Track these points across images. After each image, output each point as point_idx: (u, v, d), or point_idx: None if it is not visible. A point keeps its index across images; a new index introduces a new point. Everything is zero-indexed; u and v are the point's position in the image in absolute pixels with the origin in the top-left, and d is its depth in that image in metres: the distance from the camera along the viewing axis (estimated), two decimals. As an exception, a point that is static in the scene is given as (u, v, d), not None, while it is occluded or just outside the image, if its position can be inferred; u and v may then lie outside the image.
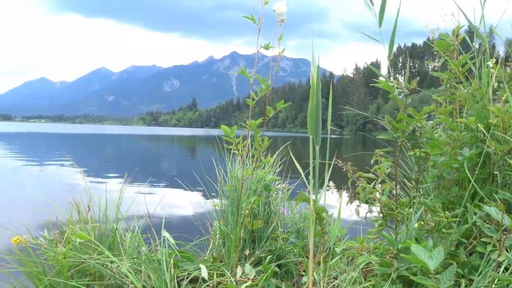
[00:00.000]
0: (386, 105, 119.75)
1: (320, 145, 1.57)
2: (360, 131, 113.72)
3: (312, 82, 1.47)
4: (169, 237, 2.10)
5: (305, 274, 2.03)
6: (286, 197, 2.71)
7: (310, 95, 1.47)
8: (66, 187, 8.02)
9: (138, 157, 19.10)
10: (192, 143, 37.12)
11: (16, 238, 1.94)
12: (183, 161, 17.63)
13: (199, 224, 2.57)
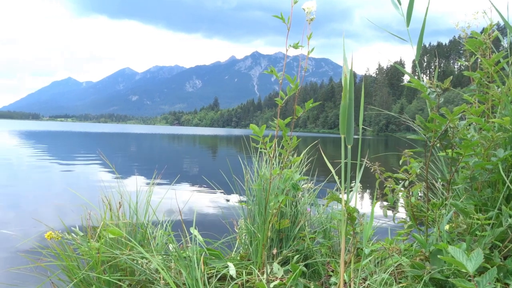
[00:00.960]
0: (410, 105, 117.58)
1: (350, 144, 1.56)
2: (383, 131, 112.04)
3: (344, 81, 1.46)
4: (198, 234, 2.13)
5: (333, 274, 2.02)
6: (312, 197, 2.70)
7: (343, 94, 1.46)
8: (96, 185, 8.22)
9: (162, 156, 19.37)
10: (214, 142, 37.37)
11: (49, 233, 2.00)
12: (207, 160, 17.78)
13: (226, 223, 2.58)
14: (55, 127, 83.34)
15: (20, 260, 3.57)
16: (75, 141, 31.14)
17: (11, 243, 4.14)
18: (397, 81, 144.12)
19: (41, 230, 4.55)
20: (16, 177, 9.51)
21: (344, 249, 1.46)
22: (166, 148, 26.96)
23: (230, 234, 2.56)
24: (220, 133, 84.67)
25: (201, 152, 23.13)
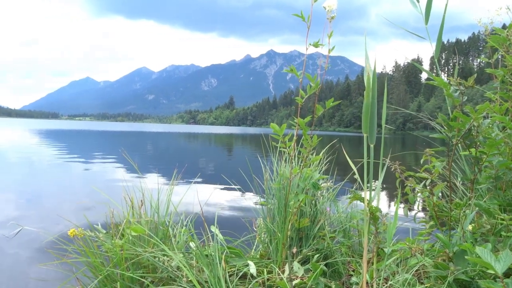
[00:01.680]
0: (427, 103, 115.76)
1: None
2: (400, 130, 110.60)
3: (367, 80, 1.45)
4: (218, 232, 2.14)
5: (354, 274, 2.01)
6: (332, 196, 2.69)
7: (366, 92, 1.45)
8: (115, 183, 8.34)
9: (180, 155, 19.52)
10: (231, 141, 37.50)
11: (73, 230, 2.04)
12: (224, 159, 17.86)
13: (246, 221, 2.60)
14: (74, 126, 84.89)
15: (44, 256, 3.66)
16: (94, 140, 31.64)
17: (34, 239, 4.24)
18: (415, 79, 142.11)
19: (63, 227, 4.64)
20: (37, 175, 9.72)
21: (366, 249, 1.45)
22: (184, 146, 27.18)
23: (248, 232, 2.57)
24: (235, 131, 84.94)
25: (218, 151, 23.24)
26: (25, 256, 3.78)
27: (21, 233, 4.51)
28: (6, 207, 5.89)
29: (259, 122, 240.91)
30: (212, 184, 8.59)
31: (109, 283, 1.79)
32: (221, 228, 2.25)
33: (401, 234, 2.92)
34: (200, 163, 14.03)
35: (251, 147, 26.80)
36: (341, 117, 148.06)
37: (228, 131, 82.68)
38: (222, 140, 39.01)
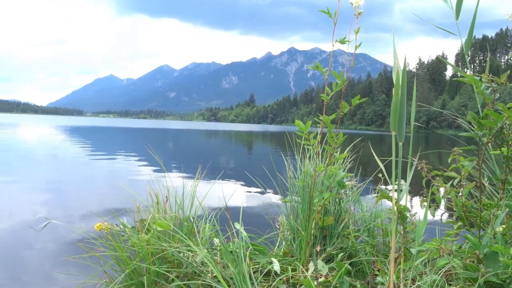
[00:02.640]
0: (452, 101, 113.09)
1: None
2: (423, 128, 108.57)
3: (396, 77, 1.42)
4: (242, 229, 2.15)
5: (379, 274, 1.98)
6: (356, 194, 2.66)
7: (395, 90, 1.43)
8: (139, 178, 8.48)
9: (203, 151, 19.67)
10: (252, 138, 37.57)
11: (99, 224, 2.08)
12: (246, 156, 17.91)
13: (269, 218, 2.59)
14: (98, 123, 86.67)
15: (71, 249, 3.75)
16: (118, 137, 32.23)
17: (61, 232, 4.36)
18: (439, 76, 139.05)
19: (88, 221, 4.75)
20: (63, 171, 9.97)
21: (394, 248, 1.43)
22: (205, 144, 27.38)
23: (271, 229, 2.57)
24: (256, 129, 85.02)
25: (240, 148, 23.31)
26: (52, 249, 3.88)
27: (48, 226, 4.64)
28: (34, 201, 6.06)
29: (279, 120, 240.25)
30: (234, 181, 8.63)
31: (135, 277, 1.82)
32: (244, 225, 2.26)
33: (427, 234, 2.87)
34: (222, 160, 14.11)
35: (271, 145, 26.79)
36: (363, 115, 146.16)
37: (248, 129, 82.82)
38: (243, 138, 39.12)
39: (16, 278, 3.14)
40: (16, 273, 3.23)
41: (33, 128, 39.46)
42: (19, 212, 5.30)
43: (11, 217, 5.01)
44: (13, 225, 4.65)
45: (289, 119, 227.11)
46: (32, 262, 3.51)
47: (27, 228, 4.49)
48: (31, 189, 7.16)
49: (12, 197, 6.33)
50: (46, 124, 57.71)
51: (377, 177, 2.85)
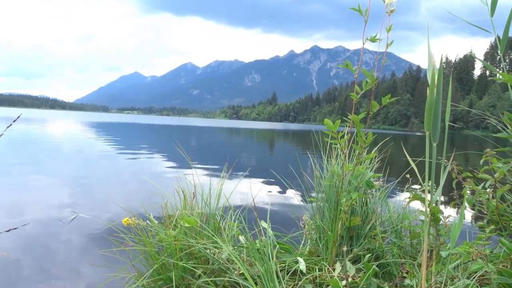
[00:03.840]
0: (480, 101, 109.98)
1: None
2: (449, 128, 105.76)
3: (432, 75, 1.38)
4: (268, 228, 2.15)
5: (408, 276, 1.94)
6: (383, 195, 2.62)
7: (429, 89, 1.39)
8: (166, 174, 8.60)
9: (225, 149, 19.78)
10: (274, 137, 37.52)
11: (126, 219, 2.11)
12: (267, 154, 17.91)
13: (295, 217, 2.58)
14: (123, 119, 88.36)
15: (98, 242, 3.84)
16: (142, 133, 32.77)
17: (88, 226, 4.46)
18: (466, 76, 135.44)
19: (114, 215, 4.85)
20: (90, 165, 10.20)
21: (426, 251, 1.39)
22: (229, 141, 27.52)
23: (295, 228, 2.56)
24: (278, 127, 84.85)
25: (263, 146, 23.31)
26: (80, 242, 3.98)
27: (75, 219, 4.75)
28: (62, 195, 6.23)
29: (301, 118, 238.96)
30: (258, 179, 8.64)
31: (163, 272, 1.85)
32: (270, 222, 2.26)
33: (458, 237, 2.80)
34: (245, 158, 14.15)
35: (294, 143, 26.70)
36: (386, 115, 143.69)
37: (270, 127, 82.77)
38: (265, 136, 39.12)
39: (45, 270, 3.23)
40: (45, 265, 3.32)
41: (61, 124, 40.54)
42: (48, 205, 5.45)
43: (41, 210, 5.16)
44: (43, 218, 4.79)
45: (311, 118, 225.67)
46: (61, 255, 3.61)
47: (55, 221, 4.61)
48: (59, 183, 7.36)
49: (41, 191, 6.52)
50: (73, 120, 59.21)
51: (405, 177, 2.80)
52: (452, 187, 2.42)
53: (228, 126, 75.25)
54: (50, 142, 16.96)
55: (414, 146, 28.33)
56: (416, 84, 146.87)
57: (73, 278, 3.07)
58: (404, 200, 2.70)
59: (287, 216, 2.84)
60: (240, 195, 6.04)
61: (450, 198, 2.47)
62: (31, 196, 6.06)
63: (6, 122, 32.21)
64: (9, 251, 3.52)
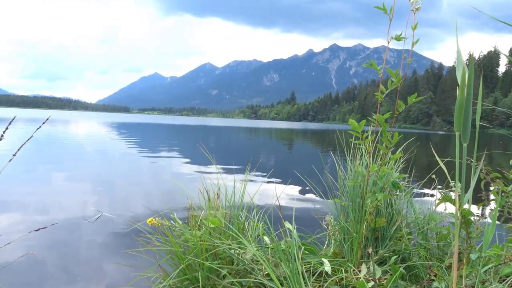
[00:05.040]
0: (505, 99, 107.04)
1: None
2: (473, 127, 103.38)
3: (462, 74, 1.35)
4: (292, 228, 2.14)
5: (436, 279, 1.91)
6: (408, 196, 2.58)
7: (460, 88, 1.36)
8: (189, 175, 8.68)
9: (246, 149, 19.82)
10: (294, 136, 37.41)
11: (151, 219, 2.14)
12: (288, 154, 17.86)
13: (319, 218, 2.57)
14: (144, 120, 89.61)
15: (120, 242, 3.90)
16: (163, 133, 33.16)
17: (112, 225, 4.54)
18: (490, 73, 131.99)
19: (136, 215, 4.92)
20: (113, 165, 10.38)
21: (457, 254, 1.36)
22: (249, 141, 27.55)
23: (319, 228, 2.54)
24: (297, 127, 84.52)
25: (283, 146, 23.27)
26: (104, 241, 4.05)
27: (100, 219, 4.84)
28: (87, 194, 6.36)
29: (320, 117, 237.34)
30: (280, 178, 8.62)
31: (189, 272, 1.86)
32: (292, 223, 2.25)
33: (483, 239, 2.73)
34: (266, 158, 14.14)
35: (313, 143, 26.56)
36: (407, 113, 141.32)
37: (289, 126, 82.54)
38: (284, 135, 39.04)
39: (72, 268, 3.30)
40: (71, 264, 3.39)
41: (84, 125, 41.39)
42: (73, 204, 5.57)
43: (66, 209, 5.28)
44: (68, 217, 4.89)
45: (330, 117, 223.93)
46: (86, 253, 3.68)
47: (81, 220, 4.71)
48: (82, 183, 7.52)
49: (65, 190, 6.67)
50: (95, 120, 60.39)
51: (429, 178, 2.75)
52: (480, 188, 2.36)
53: (247, 125, 75.40)
54: (74, 142, 17.34)
55: (437, 145, 27.80)
56: (438, 82, 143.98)
57: (98, 277, 3.13)
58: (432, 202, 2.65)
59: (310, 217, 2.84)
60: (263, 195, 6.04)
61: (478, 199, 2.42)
62: (56, 195, 6.22)
63: (31, 123, 33.09)
64: (36, 249, 3.62)
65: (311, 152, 18.62)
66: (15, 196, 5.89)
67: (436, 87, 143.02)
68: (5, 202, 5.44)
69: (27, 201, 5.68)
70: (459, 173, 1.40)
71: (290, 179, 8.03)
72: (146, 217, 2.10)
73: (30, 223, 4.48)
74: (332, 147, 22.71)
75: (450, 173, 1.72)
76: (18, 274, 3.06)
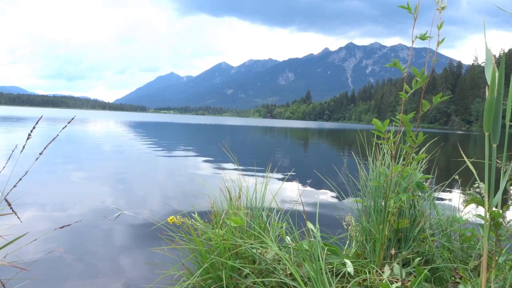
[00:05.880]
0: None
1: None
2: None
3: (492, 73, 1.33)
4: (314, 229, 2.13)
5: (461, 282, 1.88)
6: (431, 197, 2.54)
7: (490, 87, 1.33)
8: (208, 174, 8.73)
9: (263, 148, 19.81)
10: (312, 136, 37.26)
11: (172, 218, 2.16)
12: (300, 153, 17.80)
13: (340, 219, 2.55)
14: (160, 119, 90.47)
15: (141, 240, 3.95)
16: (180, 132, 33.42)
17: (131, 223, 4.59)
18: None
19: (155, 213, 4.97)
20: (131, 164, 10.51)
21: (486, 256, 1.34)
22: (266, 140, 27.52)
23: (340, 229, 2.53)
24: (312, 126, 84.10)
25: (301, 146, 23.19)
26: (125, 238, 4.11)
27: (120, 216, 4.91)
28: (106, 192, 6.45)
29: (336, 117, 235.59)
30: (300, 178, 8.60)
31: (212, 271, 1.88)
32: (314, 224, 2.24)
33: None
34: (285, 158, 14.12)
35: (330, 142, 26.40)
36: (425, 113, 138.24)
37: (305, 126, 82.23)
38: (300, 135, 38.90)
39: (94, 265, 3.35)
40: (93, 261, 3.45)
41: (103, 124, 42.00)
42: (93, 202, 5.66)
43: (87, 207, 5.37)
44: (89, 214, 4.98)
45: (346, 116, 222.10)
46: (108, 251, 3.73)
47: (101, 218, 4.79)
48: (102, 181, 7.63)
49: (85, 188, 6.78)
50: (113, 119, 61.24)
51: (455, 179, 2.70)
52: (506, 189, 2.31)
53: (263, 125, 75.39)
54: (93, 141, 17.61)
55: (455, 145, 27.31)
56: (457, 81, 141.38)
57: (121, 274, 3.17)
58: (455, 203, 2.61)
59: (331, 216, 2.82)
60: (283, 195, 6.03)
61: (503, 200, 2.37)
62: (76, 193, 6.33)
63: (51, 122, 33.77)
64: (61, 246, 3.70)
65: (328, 152, 18.52)
66: (38, 194, 6.02)
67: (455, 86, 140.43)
68: (29, 199, 5.56)
69: (49, 198, 5.80)
70: (488, 175, 1.38)
71: (311, 179, 8.00)
72: (164, 215, 2.13)
73: (53, 220, 4.58)
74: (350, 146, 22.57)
75: (476, 174, 1.69)
76: (46, 269, 3.13)
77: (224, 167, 10.02)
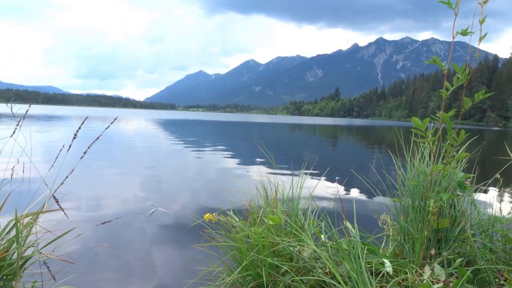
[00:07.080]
0: None
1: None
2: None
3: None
4: (352, 228, 2.12)
5: (506, 284, 1.83)
6: (471, 197, 2.48)
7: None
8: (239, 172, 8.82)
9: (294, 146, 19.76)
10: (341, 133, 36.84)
11: (208, 215, 2.20)
12: (329, 150, 17.65)
13: (377, 218, 2.53)
14: (190, 116, 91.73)
15: (177, 236, 4.04)
16: (210, 130, 33.80)
17: (166, 220, 4.70)
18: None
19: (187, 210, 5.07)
20: (163, 161, 10.73)
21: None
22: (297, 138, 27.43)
23: (376, 227, 2.51)
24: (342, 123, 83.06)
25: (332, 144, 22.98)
26: (160, 234, 4.21)
27: (155, 213, 5.03)
28: (140, 189, 6.63)
29: (365, 113, 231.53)
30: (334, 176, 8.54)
31: (251, 268, 1.91)
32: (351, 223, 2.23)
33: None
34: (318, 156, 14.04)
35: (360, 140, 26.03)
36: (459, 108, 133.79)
37: (333, 123, 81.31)
38: (329, 132, 38.53)
39: (134, 260, 3.46)
40: (133, 256, 3.56)
41: (135, 122, 42.99)
42: (128, 199, 5.83)
43: (122, 204, 5.54)
44: (125, 211, 5.13)
45: (376, 113, 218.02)
46: (146, 246, 3.84)
47: (137, 214, 4.92)
48: (136, 178, 7.83)
49: (120, 186, 6.99)
50: (144, 117, 62.59)
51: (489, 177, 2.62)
52: None
53: (291, 122, 75.09)
54: (126, 139, 18.07)
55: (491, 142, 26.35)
56: (493, 75, 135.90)
57: (159, 269, 3.26)
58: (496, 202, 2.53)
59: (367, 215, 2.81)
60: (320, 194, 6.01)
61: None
62: (111, 190, 6.53)
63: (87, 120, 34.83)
64: (104, 241, 3.84)
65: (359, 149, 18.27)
66: (78, 191, 6.25)
67: (491, 80, 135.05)
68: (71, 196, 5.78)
69: (88, 195, 6.02)
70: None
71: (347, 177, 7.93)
72: (196, 212, 2.17)
73: (93, 216, 4.75)
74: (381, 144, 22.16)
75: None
76: (91, 263, 3.26)
77: (256, 165, 10.08)
